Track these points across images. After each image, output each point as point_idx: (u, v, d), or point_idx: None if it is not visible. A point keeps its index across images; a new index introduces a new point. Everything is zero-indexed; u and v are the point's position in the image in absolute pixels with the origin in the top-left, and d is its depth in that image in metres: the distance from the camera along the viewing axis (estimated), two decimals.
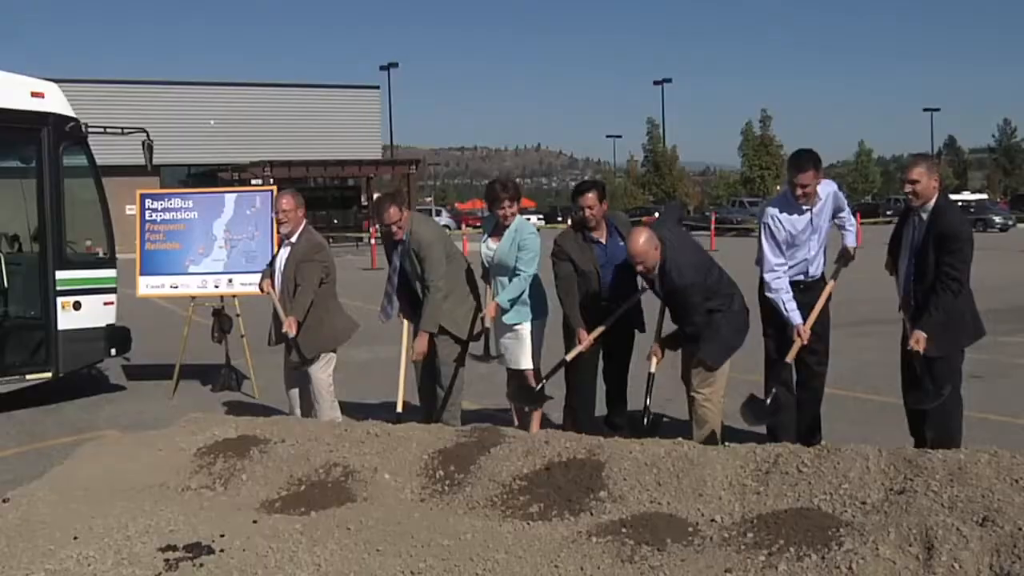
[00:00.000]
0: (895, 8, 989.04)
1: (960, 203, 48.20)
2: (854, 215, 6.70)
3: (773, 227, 6.01)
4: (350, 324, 7.15)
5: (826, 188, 6.10)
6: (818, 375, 6.27)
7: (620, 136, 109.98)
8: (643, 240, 5.63)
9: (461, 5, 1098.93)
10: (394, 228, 6.62)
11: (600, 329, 6.25)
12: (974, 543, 3.60)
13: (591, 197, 6.32)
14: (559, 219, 53.89)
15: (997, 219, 44.70)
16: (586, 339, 6.21)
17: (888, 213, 52.70)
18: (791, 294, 6.00)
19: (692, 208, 65.78)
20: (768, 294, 6.00)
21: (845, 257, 6.27)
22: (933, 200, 5.55)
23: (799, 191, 5.90)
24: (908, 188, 5.56)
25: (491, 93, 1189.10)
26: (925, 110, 78.22)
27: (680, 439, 5.02)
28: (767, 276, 5.99)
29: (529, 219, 6.81)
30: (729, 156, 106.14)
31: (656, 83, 70.47)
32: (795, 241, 6.03)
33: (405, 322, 6.98)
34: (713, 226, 35.85)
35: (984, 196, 58.02)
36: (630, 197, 72.79)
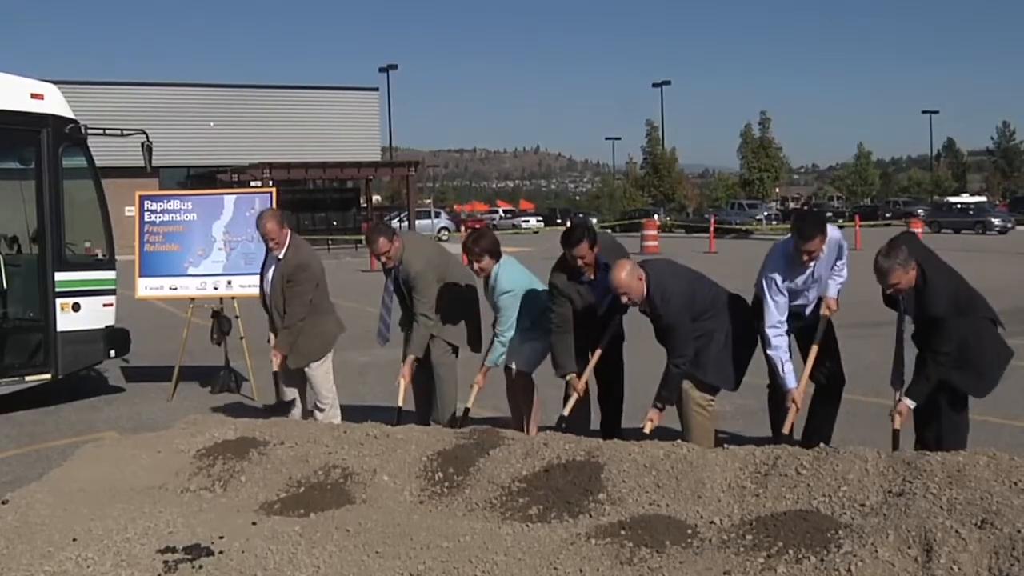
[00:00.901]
0: (894, 10, 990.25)
1: (959, 206, 48.51)
2: (853, 218, 6.68)
3: (779, 285, 5.93)
4: (337, 327, 7.20)
5: (831, 237, 5.98)
6: (833, 391, 6.26)
7: (619, 138, 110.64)
8: (625, 273, 5.76)
9: (460, 7, 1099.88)
10: (384, 259, 6.71)
11: (588, 373, 6.29)
12: (973, 545, 3.60)
13: (583, 247, 6.14)
14: (558, 221, 53.94)
15: (996, 221, 44.68)
16: (580, 385, 6.23)
17: (887, 216, 52.77)
18: (789, 355, 5.96)
19: (691, 210, 65.88)
20: (768, 351, 5.95)
21: (828, 309, 6.13)
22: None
23: (805, 257, 5.83)
24: (891, 290, 5.52)
25: (490, 95, 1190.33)
26: (924, 112, 78.54)
27: (679, 441, 5.02)
28: (769, 331, 5.92)
29: (511, 262, 6.62)
30: (728, 158, 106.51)
31: (655, 85, 70.56)
32: (793, 287, 6.00)
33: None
34: (712, 228, 35.89)
35: (983, 198, 58.03)
36: (629, 199, 72.85)
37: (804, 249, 5.80)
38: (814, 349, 6.04)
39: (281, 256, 6.94)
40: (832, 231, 6.01)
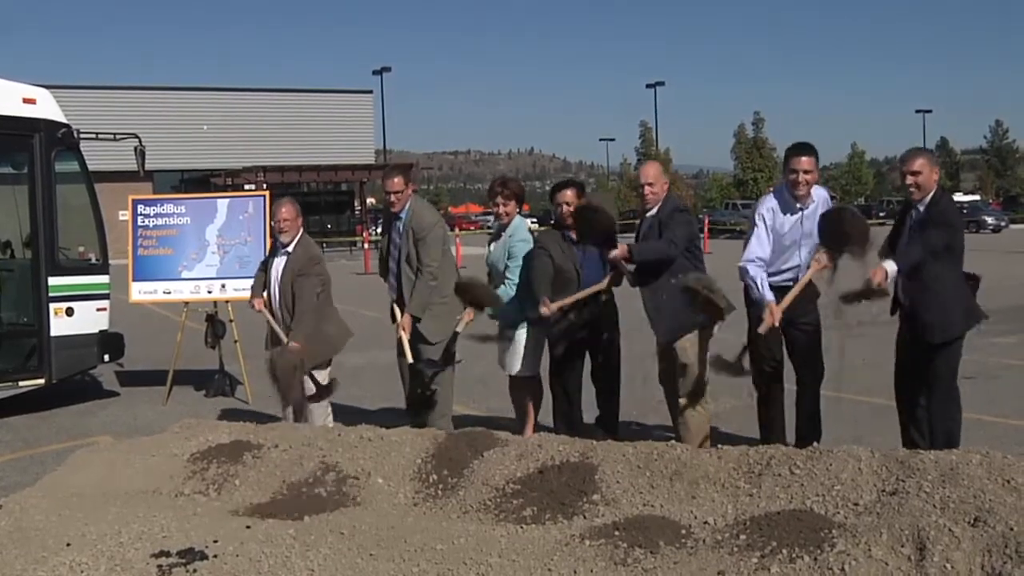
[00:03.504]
0: (887, 10, 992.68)
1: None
2: None
3: (768, 219, 5.86)
4: (345, 331, 7.16)
5: (819, 192, 6.00)
6: (810, 385, 6.21)
7: (613, 139, 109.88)
8: (656, 169, 6.31)
9: (454, 9, 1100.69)
10: (392, 197, 6.63)
11: (566, 300, 6.20)
12: (966, 543, 3.61)
13: (569, 194, 6.42)
14: (552, 223, 53.83)
15: (989, 220, 44.88)
16: (549, 307, 6.15)
17: (881, 215, 52.86)
18: (766, 281, 5.78)
19: None
20: (744, 278, 5.81)
21: (819, 262, 5.78)
22: (931, 194, 5.51)
23: (800, 176, 5.73)
24: (910, 180, 5.43)
25: (484, 97, 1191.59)
26: (917, 112, 78.43)
27: (673, 442, 5.03)
28: (747, 264, 5.77)
29: (527, 221, 6.86)
30: (722, 159, 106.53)
31: (649, 86, 70.53)
32: (781, 239, 5.88)
33: (396, 309, 6.93)
34: (707, 228, 35.92)
35: (977, 197, 58.19)
36: (623, 200, 72.87)
37: (798, 167, 5.76)
38: (801, 282, 5.77)
39: (291, 249, 6.88)
40: (818, 190, 6.00)
